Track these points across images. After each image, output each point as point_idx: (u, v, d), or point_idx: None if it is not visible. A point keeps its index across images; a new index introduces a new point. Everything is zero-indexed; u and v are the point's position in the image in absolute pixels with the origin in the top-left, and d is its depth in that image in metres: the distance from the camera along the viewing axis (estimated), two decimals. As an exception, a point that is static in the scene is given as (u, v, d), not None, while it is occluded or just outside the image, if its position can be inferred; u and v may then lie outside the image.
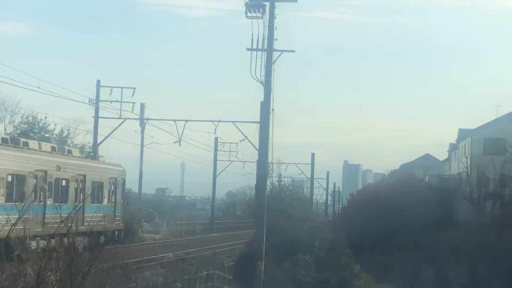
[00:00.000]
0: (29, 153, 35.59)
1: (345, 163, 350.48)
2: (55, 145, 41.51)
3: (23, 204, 28.31)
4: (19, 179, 34.23)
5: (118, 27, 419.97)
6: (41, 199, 35.84)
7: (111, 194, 44.55)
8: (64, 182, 38.54)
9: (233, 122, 54.70)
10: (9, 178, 33.62)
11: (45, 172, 36.17)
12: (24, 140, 37.53)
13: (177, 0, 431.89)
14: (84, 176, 40.71)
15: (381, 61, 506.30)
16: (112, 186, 44.68)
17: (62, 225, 26.78)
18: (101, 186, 43.25)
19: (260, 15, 32.80)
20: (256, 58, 33.13)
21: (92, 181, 41.62)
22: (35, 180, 35.44)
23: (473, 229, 60.25)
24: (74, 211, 29.51)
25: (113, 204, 44.80)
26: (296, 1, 34.26)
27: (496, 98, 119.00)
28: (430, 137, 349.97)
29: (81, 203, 39.01)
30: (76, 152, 42.98)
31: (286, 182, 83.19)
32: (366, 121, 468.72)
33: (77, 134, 61.56)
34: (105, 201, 43.93)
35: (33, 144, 37.47)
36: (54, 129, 55.95)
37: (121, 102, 55.19)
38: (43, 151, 37.36)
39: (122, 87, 55.75)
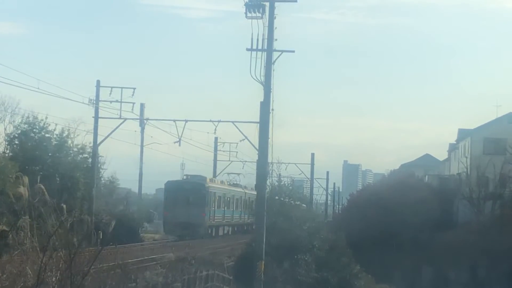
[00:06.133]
0: (236, 188, 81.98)
1: (345, 163, 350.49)
2: (240, 184, 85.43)
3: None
4: (239, 199, 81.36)
5: (118, 27, 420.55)
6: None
7: (244, 205, 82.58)
8: (236, 200, 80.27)
9: (233, 122, 54.84)
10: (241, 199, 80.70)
11: (240, 196, 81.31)
12: (235, 183, 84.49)
13: (177, 1, 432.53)
14: (241, 196, 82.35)
15: (380, 61, 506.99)
16: (247, 201, 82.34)
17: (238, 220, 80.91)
18: (247, 201, 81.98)
19: (260, 15, 32.75)
20: (256, 58, 33.10)
21: (243, 199, 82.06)
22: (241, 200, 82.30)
23: (473, 229, 60.21)
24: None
25: (242, 210, 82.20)
26: (296, 1, 34.26)
27: (496, 98, 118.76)
28: (430, 137, 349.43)
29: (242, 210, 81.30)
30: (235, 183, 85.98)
31: (286, 182, 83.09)
32: (366, 121, 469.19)
33: (77, 135, 61.47)
34: (245, 209, 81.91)
35: (236, 186, 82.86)
36: (54, 129, 55.87)
37: (121, 102, 55.09)
38: (237, 185, 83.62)
39: (122, 87, 55.60)
